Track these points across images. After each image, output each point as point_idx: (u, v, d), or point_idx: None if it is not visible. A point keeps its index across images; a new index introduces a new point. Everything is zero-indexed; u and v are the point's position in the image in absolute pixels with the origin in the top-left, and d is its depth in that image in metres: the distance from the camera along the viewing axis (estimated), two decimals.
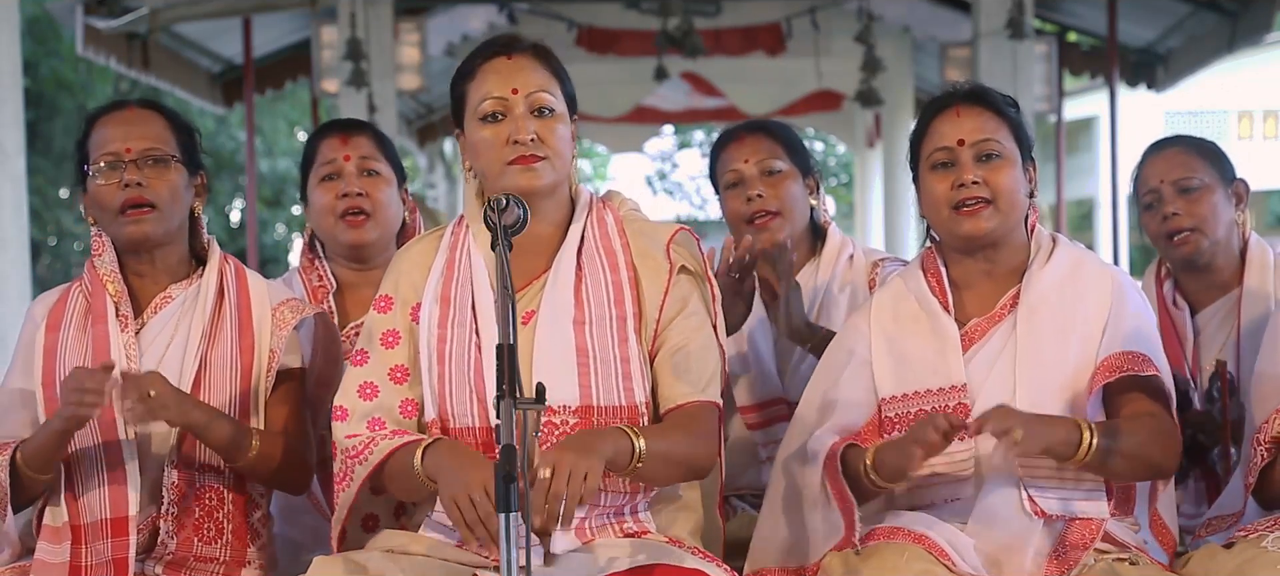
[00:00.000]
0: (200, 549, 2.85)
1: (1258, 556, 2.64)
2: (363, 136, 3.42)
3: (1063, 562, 2.73)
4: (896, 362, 2.84)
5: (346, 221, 3.34)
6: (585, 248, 2.73)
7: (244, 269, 3.02)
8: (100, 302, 2.90)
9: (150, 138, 2.90)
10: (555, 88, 2.71)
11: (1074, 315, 2.78)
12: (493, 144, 2.67)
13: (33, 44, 17.15)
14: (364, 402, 2.71)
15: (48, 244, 20.34)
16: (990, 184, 2.79)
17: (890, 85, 12.00)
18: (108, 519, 2.80)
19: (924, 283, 2.89)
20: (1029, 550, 2.74)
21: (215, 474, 2.88)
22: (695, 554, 2.67)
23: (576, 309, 2.68)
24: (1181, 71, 11.57)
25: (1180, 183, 3.34)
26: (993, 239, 2.82)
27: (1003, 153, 2.81)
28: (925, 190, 2.86)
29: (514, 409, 2.26)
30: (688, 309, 2.73)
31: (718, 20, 11.08)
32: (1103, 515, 2.75)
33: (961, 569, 2.70)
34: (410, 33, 10.60)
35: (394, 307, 2.77)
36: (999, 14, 9.35)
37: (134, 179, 2.86)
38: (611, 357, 2.66)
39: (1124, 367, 2.73)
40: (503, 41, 2.74)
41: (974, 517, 2.75)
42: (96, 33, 9.87)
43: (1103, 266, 2.89)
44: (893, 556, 2.66)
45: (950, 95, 2.87)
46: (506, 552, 2.20)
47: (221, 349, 2.90)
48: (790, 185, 3.45)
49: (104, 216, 2.91)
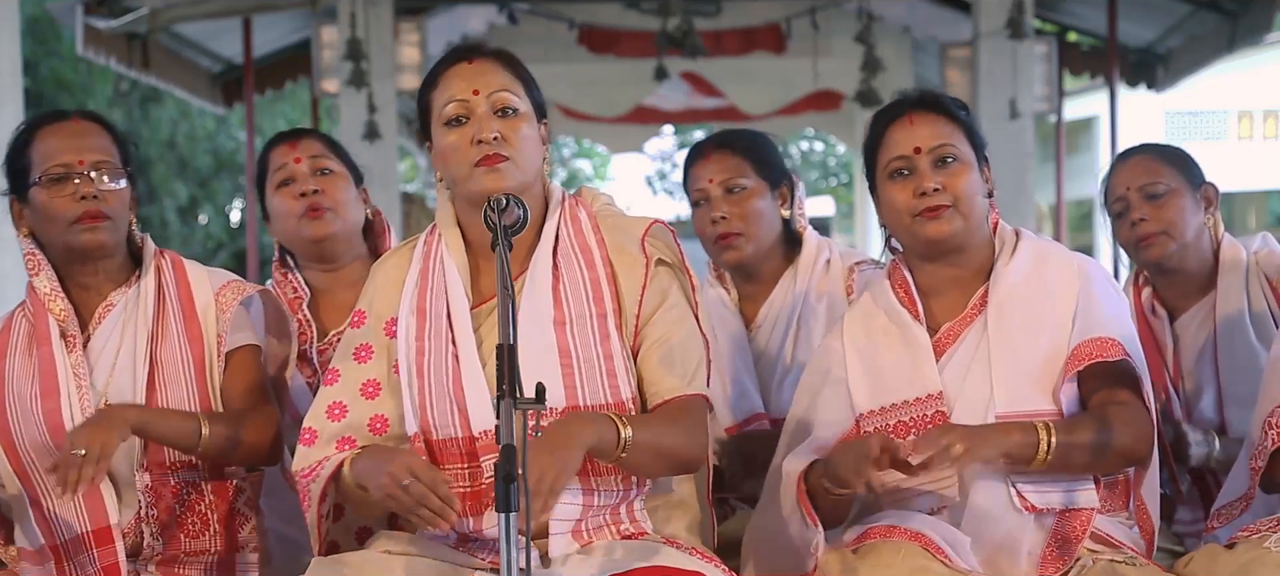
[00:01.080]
0: (189, 544, 2.87)
1: (1261, 557, 2.64)
2: (311, 139, 3.44)
3: (1059, 559, 2.73)
4: (872, 377, 2.84)
5: (307, 218, 3.34)
6: (560, 247, 2.72)
7: (182, 260, 3.01)
8: (43, 324, 2.89)
9: (100, 149, 2.90)
10: (519, 89, 2.71)
11: (1043, 307, 2.79)
12: (458, 147, 2.67)
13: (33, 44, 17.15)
14: (332, 424, 2.71)
15: None
16: (950, 188, 2.79)
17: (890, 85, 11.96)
18: (88, 531, 2.81)
19: (892, 294, 2.89)
20: (1023, 548, 2.74)
21: (187, 469, 2.89)
22: (693, 554, 2.67)
23: (555, 309, 2.67)
24: (1181, 71, 11.57)
25: (1146, 188, 3.36)
26: (957, 242, 2.82)
27: (959, 156, 2.82)
28: (885, 200, 2.86)
29: (514, 409, 2.26)
30: (668, 301, 2.72)
31: (718, 20, 11.08)
32: (1093, 504, 2.75)
33: (959, 565, 2.70)
34: (410, 33, 10.61)
35: (367, 322, 2.77)
36: (999, 14, 9.35)
37: (89, 191, 2.85)
38: (594, 356, 2.66)
39: (1092, 354, 2.73)
40: (465, 47, 2.74)
41: (966, 519, 2.76)
42: (96, 33, 9.88)
43: (1068, 256, 2.88)
44: (890, 554, 2.66)
45: (902, 103, 2.87)
46: (506, 553, 2.20)
47: (170, 345, 2.90)
48: (755, 202, 3.43)
49: (52, 227, 2.89)
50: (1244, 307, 3.32)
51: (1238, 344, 3.32)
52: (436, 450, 2.67)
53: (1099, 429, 2.70)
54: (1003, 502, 2.74)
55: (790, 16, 11.33)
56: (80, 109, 3.03)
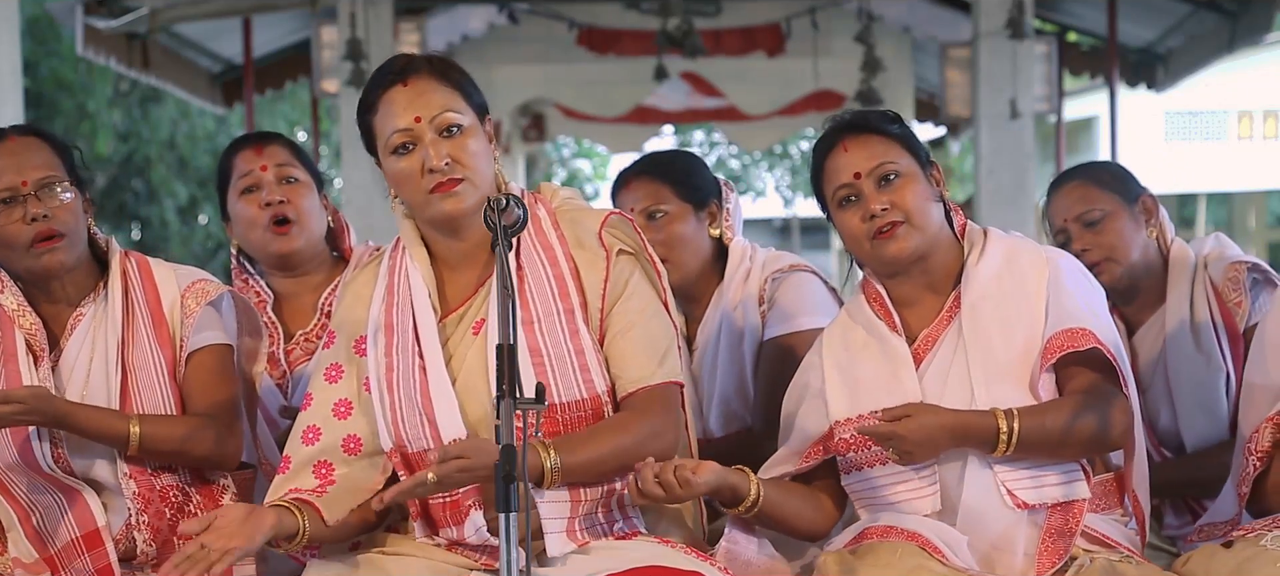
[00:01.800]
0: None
1: (1257, 555, 2.64)
2: (277, 145, 3.42)
3: (1054, 553, 2.73)
4: (849, 386, 2.85)
5: (274, 231, 3.33)
6: (523, 247, 2.72)
7: (148, 261, 2.98)
8: (10, 340, 2.86)
9: (42, 166, 2.86)
10: (459, 102, 2.68)
11: (1016, 304, 2.79)
12: (409, 175, 2.65)
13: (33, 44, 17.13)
14: (306, 448, 2.71)
15: None
16: (898, 205, 2.79)
17: (890, 85, 11.98)
18: (78, 537, 2.82)
19: (868, 309, 2.90)
20: (1019, 546, 2.74)
21: (171, 473, 2.88)
22: (689, 553, 2.67)
23: (523, 309, 2.66)
24: (1181, 71, 11.56)
25: (1083, 217, 3.37)
26: (918, 254, 2.82)
27: (900, 170, 2.82)
28: (840, 227, 2.87)
29: (514, 409, 2.26)
30: (629, 290, 2.72)
31: (718, 20, 11.06)
32: (1084, 496, 2.75)
33: (956, 564, 2.70)
34: (410, 33, 10.59)
35: (337, 341, 2.77)
36: (999, 14, 9.34)
37: (38, 211, 2.82)
38: (565, 352, 2.66)
39: (1065, 345, 2.74)
40: (397, 67, 2.70)
41: (961, 518, 2.76)
42: (96, 33, 9.87)
43: (1037, 250, 2.89)
44: (887, 554, 2.67)
45: (834, 131, 2.87)
46: (506, 554, 2.21)
47: (141, 350, 2.89)
48: (677, 227, 3.40)
49: (10, 253, 2.86)
50: (1186, 317, 3.31)
51: (1184, 355, 3.31)
52: (413, 463, 2.67)
53: (1071, 413, 2.70)
54: (994, 501, 2.75)
55: (790, 16, 11.31)
56: (15, 126, 2.97)
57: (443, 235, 2.70)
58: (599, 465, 2.62)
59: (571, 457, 2.57)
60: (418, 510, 2.69)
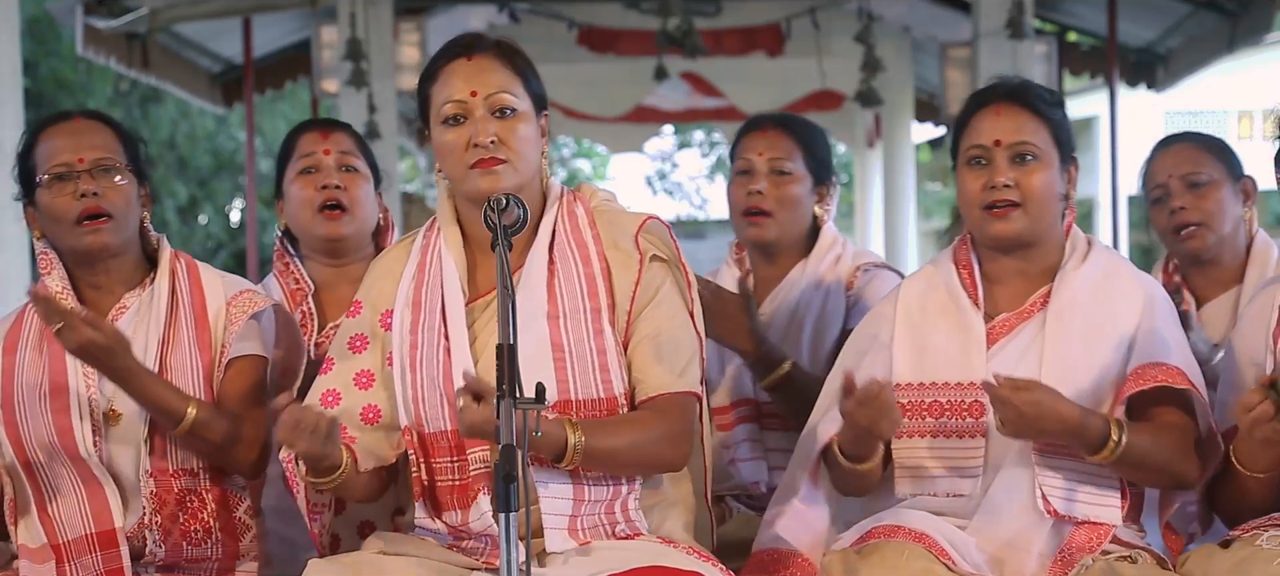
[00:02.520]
0: (191, 551, 2.86)
1: (1254, 554, 2.64)
2: (342, 133, 3.43)
3: (1066, 564, 2.72)
4: (917, 351, 2.84)
5: (324, 215, 3.34)
6: (557, 241, 2.73)
7: (197, 265, 3.00)
8: None
9: (100, 147, 2.89)
10: (517, 87, 2.70)
11: (1104, 321, 2.78)
12: (454, 147, 2.68)
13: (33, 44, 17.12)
14: (326, 410, 2.70)
15: None
16: (1022, 186, 2.78)
17: (890, 85, 11.99)
18: (92, 533, 2.81)
19: (955, 274, 2.88)
20: (1035, 548, 2.73)
21: (189, 476, 2.88)
22: (690, 553, 2.67)
23: (550, 303, 2.67)
24: (1181, 71, 11.55)
25: (1188, 177, 3.36)
26: (1022, 241, 2.81)
27: (1038, 154, 2.80)
28: (959, 185, 2.86)
29: (514, 409, 2.26)
30: (659, 296, 2.72)
31: (718, 20, 11.06)
32: (1114, 521, 2.74)
33: (962, 568, 2.70)
34: (410, 33, 10.59)
35: (363, 312, 2.78)
36: (999, 14, 9.34)
37: (89, 188, 2.85)
38: (587, 350, 2.66)
39: (1157, 379, 2.72)
40: (464, 42, 2.73)
41: (980, 513, 2.75)
42: (96, 33, 9.87)
43: (1137, 275, 2.88)
44: (893, 555, 2.66)
45: (993, 91, 2.85)
46: (506, 553, 2.21)
47: (180, 350, 2.89)
48: (795, 188, 3.44)
49: (57, 228, 2.88)
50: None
51: None
52: (428, 443, 2.68)
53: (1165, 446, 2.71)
54: (1021, 501, 2.74)
55: (790, 16, 11.31)
56: (83, 108, 3.01)
57: (480, 215, 2.70)
58: (616, 456, 2.62)
59: (594, 441, 2.58)
60: (422, 489, 2.69)
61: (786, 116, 3.61)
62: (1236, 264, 3.42)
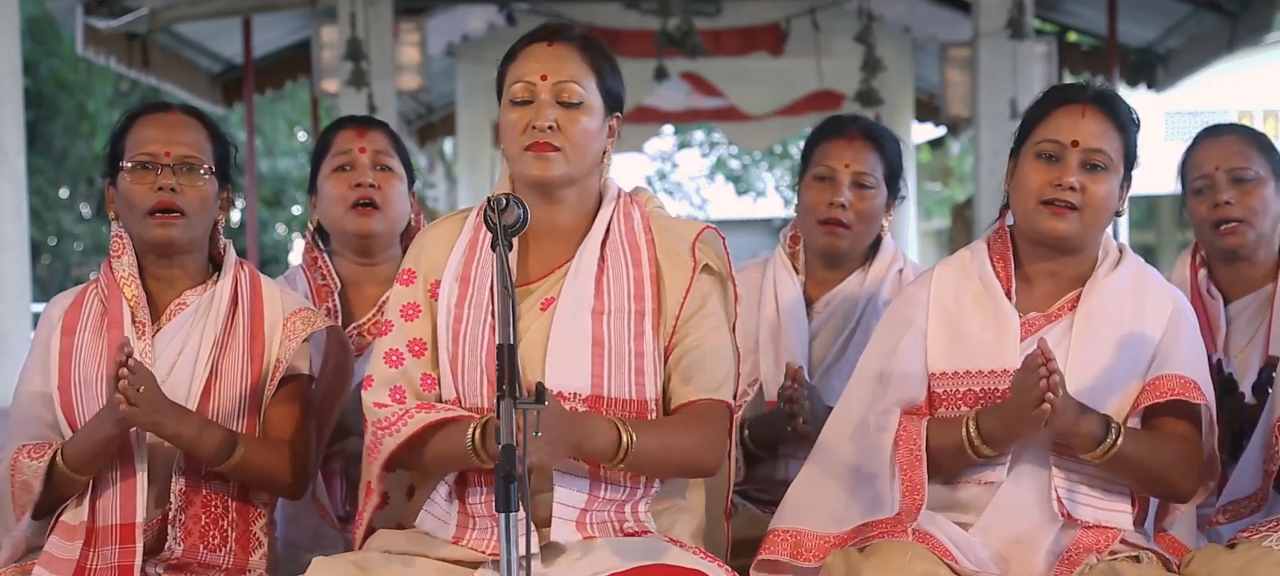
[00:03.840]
0: (204, 555, 2.85)
1: (1261, 557, 2.64)
2: (378, 132, 3.43)
3: (1074, 562, 2.72)
4: (951, 339, 2.83)
5: (356, 211, 3.34)
6: (610, 240, 2.74)
7: (259, 276, 3.01)
8: (116, 307, 2.89)
9: (188, 144, 2.91)
10: (589, 81, 2.70)
11: (1131, 329, 2.77)
12: (515, 127, 2.69)
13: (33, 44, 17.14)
14: (389, 369, 2.71)
15: (48, 244, 20.34)
16: (1087, 192, 2.76)
17: (890, 85, 11.99)
18: (118, 524, 2.80)
19: (989, 265, 2.87)
20: (1043, 547, 2.73)
21: (220, 481, 2.88)
22: (696, 554, 2.67)
23: (596, 299, 2.68)
24: (1181, 71, 11.56)
25: (1235, 171, 3.32)
26: (1068, 244, 2.81)
27: (1109, 165, 2.79)
28: (1020, 174, 2.83)
29: (514, 408, 2.26)
30: (707, 308, 2.72)
31: (718, 20, 11.08)
32: (1125, 526, 2.75)
33: (965, 567, 2.69)
34: (410, 33, 10.60)
35: (416, 281, 2.76)
36: (999, 14, 9.35)
37: (168, 183, 2.86)
38: (626, 350, 2.66)
39: (1174, 391, 2.72)
40: (551, 27, 2.75)
41: (991, 509, 2.75)
42: (96, 33, 9.87)
43: (1165, 287, 2.87)
44: (896, 555, 2.65)
45: (1081, 91, 2.83)
46: (506, 551, 2.20)
47: (233, 357, 2.89)
48: (874, 202, 3.45)
49: (131, 215, 2.90)
50: None
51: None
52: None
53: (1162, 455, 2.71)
54: (1033, 500, 2.74)
55: (790, 16, 11.33)
56: (182, 104, 3.04)
57: (534, 200, 2.70)
58: (662, 454, 2.63)
59: (644, 439, 2.58)
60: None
61: (870, 125, 3.56)
62: (1270, 263, 3.37)
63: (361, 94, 9.79)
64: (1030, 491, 2.74)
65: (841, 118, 3.57)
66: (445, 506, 2.69)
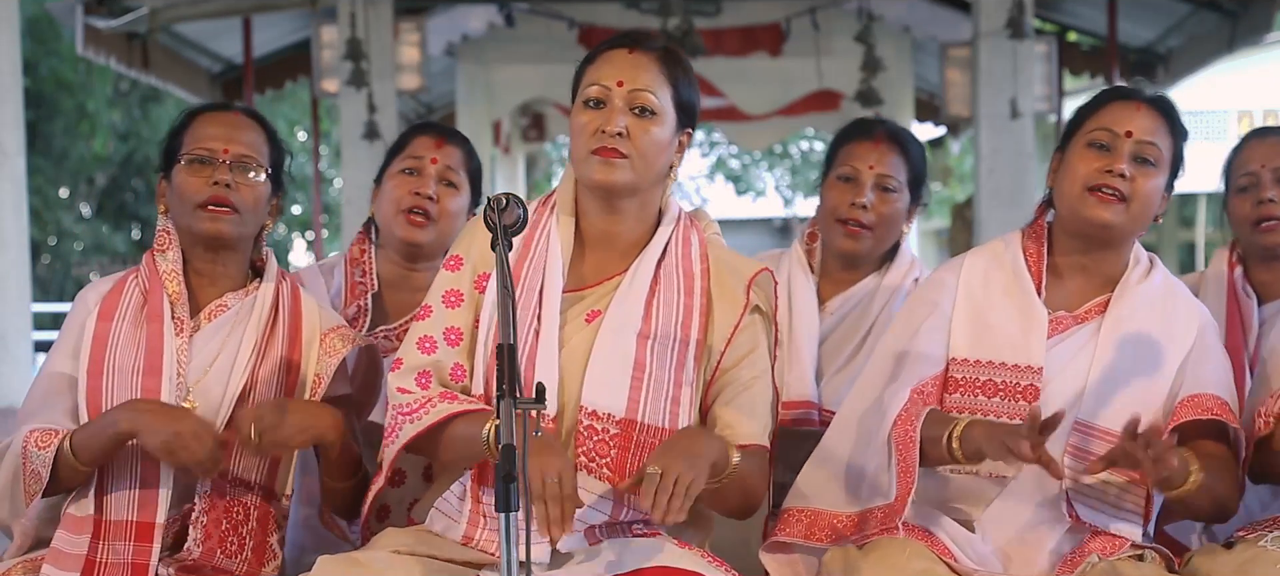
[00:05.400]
0: (220, 559, 2.83)
1: (1258, 556, 2.64)
2: (456, 147, 3.42)
3: (1074, 563, 2.72)
4: (977, 327, 2.82)
5: (408, 217, 3.33)
6: (666, 261, 2.72)
7: (299, 288, 3.01)
8: (157, 300, 2.88)
9: (247, 144, 2.92)
10: (665, 93, 2.68)
11: (1157, 341, 2.77)
12: (584, 129, 2.67)
13: (33, 44, 17.14)
14: (420, 355, 2.69)
15: (48, 244, 20.34)
16: (1135, 185, 2.76)
17: (890, 85, 11.98)
18: (134, 520, 2.78)
19: (1022, 260, 2.87)
20: (1048, 547, 2.74)
21: (244, 488, 2.87)
22: (705, 558, 2.66)
23: (644, 321, 2.67)
24: (1181, 71, 11.55)
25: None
26: (1109, 237, 2.80)
27: (1159, 163, 2.79)
28: (1069, 162, 2.82)
29: (514, 409, 2.26)
30: (758, 351, 2.72)
31: (718, 20, 11.07)
32: (1134, 537, 2.76)
33: (964, 565, 2.69)
34: (410, 33, 10.59)
35: (463, 269, 2.74)
36: (999, 14, 9.34)
37: (223, 179, 2.87)
38: (666, 379, 2.65)
39: (1214, 411, 2.73)
40: (634, 35, 2.73)
41: (998, 505, 2.75)
42: (96, 33, 9.87)
43: (1193, 302, 2.88)
44: (895, 553, 2.65)
45: (1137, 91, 2.84)
46: (506, 552, 2.20)
47: (269, 367, 2.88)
48: (898, 205, 3.44)
49: (182, 208, 2.90)
50: None
51: None
52: None
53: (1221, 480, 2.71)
54: (1047, 501, 2.74)
55: (790, 16, 11.32)
56: (244, 106, 3.06)
57: (595, 206, 2.70)
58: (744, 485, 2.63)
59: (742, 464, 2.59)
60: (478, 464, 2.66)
61: (896, 129, 3.56)
62: None
63: (361, 94, 9.78)
64: (1040, 493, 2.74)
65: (868, 120, 3.57)
66: (457, 505, 2.68)
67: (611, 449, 2.61)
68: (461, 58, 13.13)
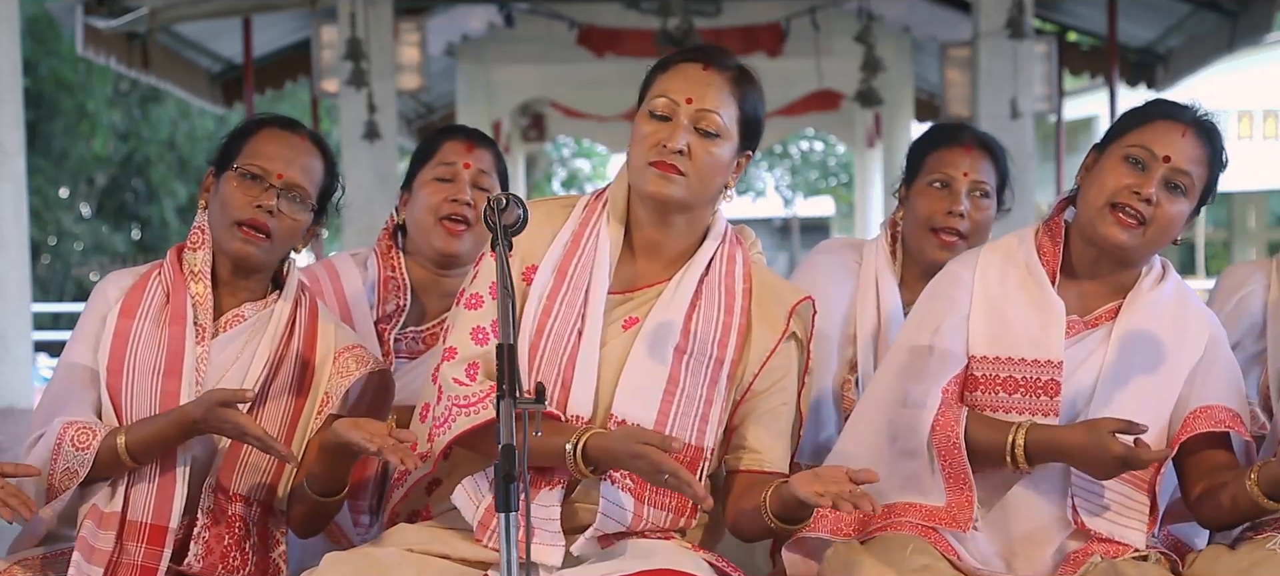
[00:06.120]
0: (222, 574, 2.83)
1: (1265, 559, 2.63)
2: (486, 150, 3.38)
3: (1076, 564, 2.72)
4: (995, 324, 2.80)
5: (445, 226, 3.29)
6: (709, 277, 2.70)
7: (317, 305, 2.97)
8: (180, 301, 2.85)
9: (303, 173, 2.86)
10: (731, 113, 2.66)
11: (1167, 350, 2.76)
12: (646, 138, 2.65)
13: (33, 44, 17.14)
14: (475, 346, 2.66)
15: (48, 244, 20.34)
16: (1160, 213, 2.73)
17: (890, 85, 12.00)
18: (149, 523, 2.77)
19: (1036, 255, 2.85)
20: (1050, 548, 2.73)
21: (244, 504, 2.85)
22: (696, 550, 2.66)
23: (682, 336, 2.65)
24: (1181, 71, 11.56)
25: None
26: (1125, 257, 2.78)
27: (1190, 191, 2.76)
28: (1101, 170, 2.79)
29: (514, 408, 2.26)
30: (790, 377, 2.72)
31: (718, 20, 11.07)
32: (1137, 543, 2.74)
33: (967, 563, 2.69)
34: (410, 33, 10.60)
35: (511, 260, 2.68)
36: (999, 14, 9.34)
37: (269, 204, 2.82)
38: (698, 396, 2.65)
39: (1226, 423, 2.73)
40: (710, 51, 2.71)
41: (1001, 506, 2.74)
42: (96, 33, 9.87)
43: (1204, 311, 2.86)
44: (897, 550, 2.64)
45: (1189, 112, 2.79)
46: (506, 552, 2.20)
47: (281, 381, 2.86)
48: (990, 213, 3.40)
49: (221, 217, 2.86)
50: None
51: None
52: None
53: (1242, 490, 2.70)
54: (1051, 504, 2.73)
55: (790, 16, 11.32)
56: (311, 131, 2.98)
57: (646, 215, 2.69)
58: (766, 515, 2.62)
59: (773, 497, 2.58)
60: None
61: (989, 138, 3.50)
62: None
63: (361, 94, 9.79)
64: (1044, 495, 2.73)
65: (951, 126, 3.51)
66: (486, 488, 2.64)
67: None
68: (461, 58, 13.15)
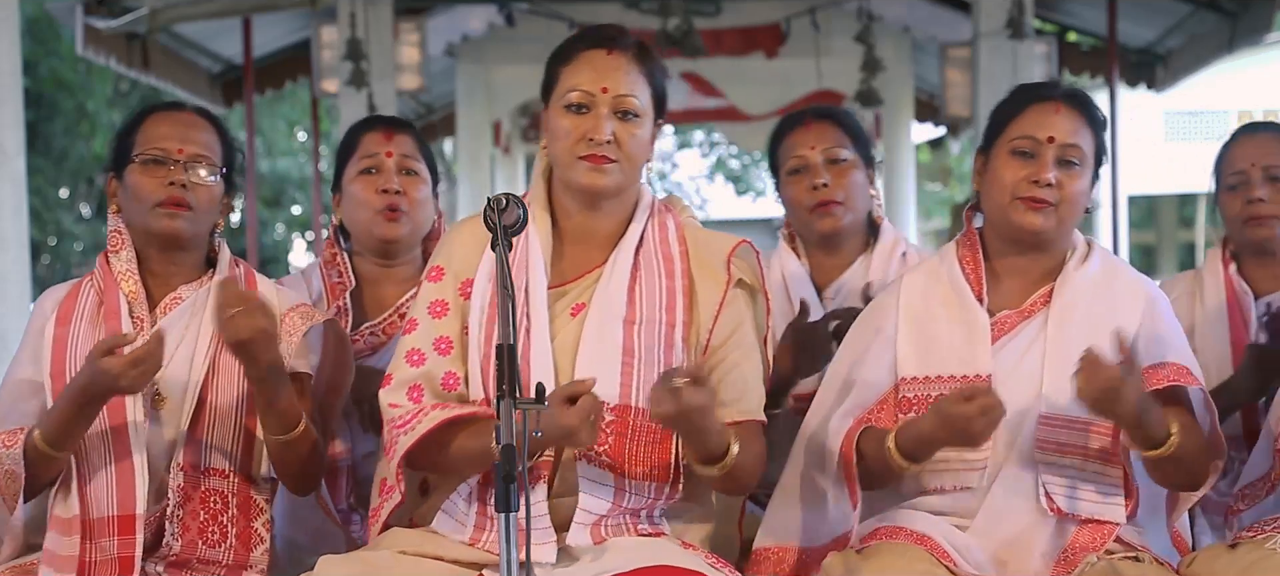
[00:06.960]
0: (203, 551, 2.85)
1: (1263, 559, 2.64)
2: (406, 135, 3.43)
3: (1069, 563, 2.72)
4: (922, 344, 2.83)
5: (383, 216, 3.34)
6: (644, 248, 2.74)
7: (254, 273, 3.02)
8: (113, 299, 2.90)
9: (201, 144, 2.94)
10: (645, 92, 2.72)
11: (1105, 321, 2.77)
12: (570, 134, 2.68)
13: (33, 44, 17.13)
14: (410, 368, 2.70)
15: (48, 244, 20.34)
16: (1063, 188, 2.78)
17: (890, 85, 11.98)
18: (115, 515, 2.79)
19: (958, 269, 2.88)
20: (1036, 549, 2.73)
21: (219, 476, 2.87)
22: (709, 560, 2.66)
23: (628, 308, 2.68)
24: (1181, 71, 11.55)
25: (1270, 170, 3.35)
26: (1044, 240, 2.82)
27: (1083, 161, 2.81)
28: (994, 172, 2.84)
29: (514, 408, 2.26)
30: (743, 328, 2.73)
31: (717, 20, 11.06)
32: (1119, 520, 2.74)
33: (963, 570, 2.69)
34: (410, 33, 10.59)
35: (445, 278, 2.76)
36: (999, 14, 9.34)
37: (179, 179, 2.89)
38: (656, 360, 2.66)
39: (1174, 378, 2.73)
40: (608, 34, 2.75)
41: (983, 512, 2.75)
42: (96, 33, 9.86)
43: (1136, 278, 2.89)
44: (894, 558, 2.65)
45: (1052, 88, 2.86)
46: (506, 552, 2.21)
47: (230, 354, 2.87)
48: (855, 174, 3.46)
49: (136, 207, 2.92)
50: None
51: None
52: None
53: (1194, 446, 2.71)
54: (1022, 501, 2.74)
55: (790, 16, 11.31)
56: (196, 106, 3.08)
57: (577, 206, 2.72)
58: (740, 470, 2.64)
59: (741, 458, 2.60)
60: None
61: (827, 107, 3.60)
62: None
63: (361, 94, 9.78)
64: (1019, 493, 2.75)
65: (798, 113, 3.57)
66: (465, 508, 2.68)
67: (609, 436, 2.63)
68: (461, 58, 13.13)
